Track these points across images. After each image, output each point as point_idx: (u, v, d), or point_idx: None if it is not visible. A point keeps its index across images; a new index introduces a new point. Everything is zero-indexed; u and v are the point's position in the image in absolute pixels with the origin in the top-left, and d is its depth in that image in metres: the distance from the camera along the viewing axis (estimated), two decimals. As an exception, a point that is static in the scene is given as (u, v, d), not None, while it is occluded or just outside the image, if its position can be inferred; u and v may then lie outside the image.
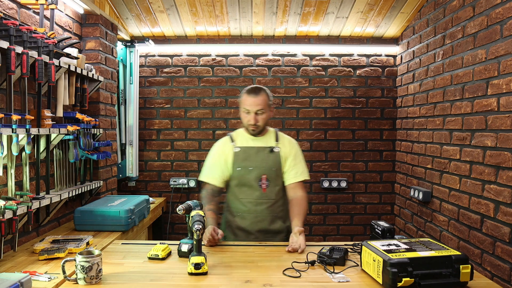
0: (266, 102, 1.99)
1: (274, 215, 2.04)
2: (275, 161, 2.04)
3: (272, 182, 2.03)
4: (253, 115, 1.97)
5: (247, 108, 1.98)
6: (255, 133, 2.03)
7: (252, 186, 2.02)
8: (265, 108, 1.98)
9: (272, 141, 2.08)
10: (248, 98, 1.98)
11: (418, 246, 1.44)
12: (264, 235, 2.02)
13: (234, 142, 2.07)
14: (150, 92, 3.46)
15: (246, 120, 2.01)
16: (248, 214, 2.03)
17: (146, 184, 3.50)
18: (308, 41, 3.40)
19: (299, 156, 2.10)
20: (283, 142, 2.09)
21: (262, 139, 2.08)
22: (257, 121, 1.98)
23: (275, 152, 2.04)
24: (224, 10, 2.94)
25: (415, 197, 2.92)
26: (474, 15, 2.22)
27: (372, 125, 3.46)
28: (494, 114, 2.04)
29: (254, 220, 2.03)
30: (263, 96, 1.98)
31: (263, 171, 2.02)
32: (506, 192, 1.93)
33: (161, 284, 1.41)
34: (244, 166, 2.02)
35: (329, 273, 1.50)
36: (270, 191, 2.03)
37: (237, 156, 2.04)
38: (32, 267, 1.56)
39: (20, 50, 1.70)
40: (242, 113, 2.03)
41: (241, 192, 2.05)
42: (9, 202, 1.62)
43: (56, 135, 2.04)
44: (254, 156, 2.03)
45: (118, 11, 2.95)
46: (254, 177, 2.01)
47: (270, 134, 2.11)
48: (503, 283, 1.92)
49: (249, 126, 2.00)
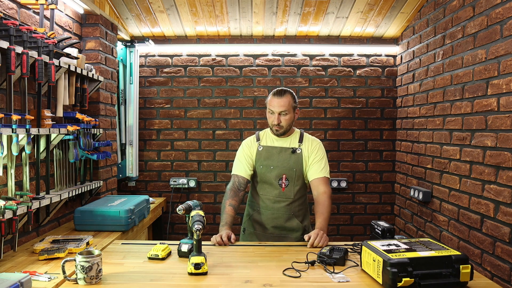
0: (291, 104, 2.06)
1: (291, 213, 2.11)
2: (296, 161, 2.10)
3: (291, 181, 2.09)
4: (276, 115, 2.05)
5: (272, 109, 2.06)
6: (279, 133, 2.10)
7: (272, 184, 2.10)
8: (289, 110, 2.05)
9: (296, 142, 2.14)
10: (273, 99, 2.06)
11: (418, 246, 1.44)
12: (280, 231, 2.10)
13: (259, 141, 2.17)
14: (150, 92, 3.46)
15: (270, 121, 2.10)
16: (266, 210, 2.12)
17: (146, 184, 3.50)
18: (308, 41, 3.40)
19: (321, 154, 2.13)
20: (306, 143, 2.14)
21: (286, 140, 2.15)
22: (280, 122, 2.05)
23: (297, 153, 2.11)
24: (224, 10, 2.94)
25: (415, 197, 2.92)
26: (474, 15, 2.22)
27: (372, 125, 3.46)
28: (494, 114, 2.04)
29: (271, 216, 2.10)
30: (287, 98, 2.05)
31: (284, 170, 2.09)
32: (506, 192, 1.93)
33: (161, 284, 1.41)
34: (266, 165, 2.11)
35: (329, 273, 1.50)
36: (289, 190, 2.10)
37: (260, 155, 2.13)
38: (32, 267, 1.56)
39: (20, 50, 1.70)
40: (267, 114, 2.12)
41: (261, 189, 2.14)
42: (9, 202, 1.62)
43: (56, 135, 2.04)
44: (276, 155, 2.11)
45: (118, 11, 2.95)
46: (275, 176, 2.09)
47: (295, 135, 2.17)
48: (503, 283, 1.92)
49: (273, 126, 2.08)
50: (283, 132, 2.10)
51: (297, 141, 2.14)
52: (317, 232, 1.86)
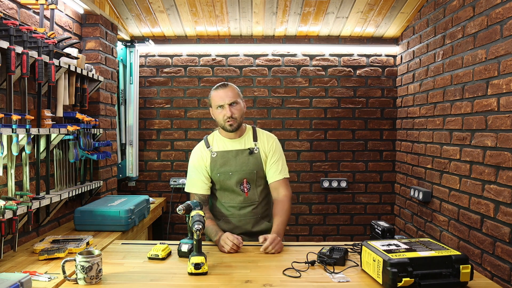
0: (237, 93, 1.93)
1: (258, 216, 1.99)
2: (255, 163, 1.96)
3: (253, 184, 1.96)
4: (227, 107, 1.87)
5: (220, 103, 1.89)
6: (233, 127, 1.91)
7: (234, 191, 1.96)
8: (237, 99, 1.91)
9: (250, 141, 1.99)
10: (219, 92, 1.90)
11: (418, 246, 1.44)
12: (249, 238, 1.95)
13: (210, 147, 1.98)
14: (150, 92, 3.46)
15: (221, 116, 1.91)
16: (232, 218, 1.98)
17: (146, 184, 3.50)
18: (308, 41, 3.40)
19: (278, 152, 2.01)
20: (261, 140, 2.00)
21: (240, 141, 1.99)
22: (233, 113, 1.88)
23: (255, 153, 1.96)
24: (224, 10, 2.94)
25: (415, 197, 2.92)
26: (474, 15, 2.22)
27: (372, 125, 3.46)
28: (494, 114, 2.04)
29: (238, 224, 1.97)
30: (232, 87, 1.92)
31: (244, 175, 1.94)
32: (506, 192, 1.93)
33: (161, 284, 1.41)
34: (224, 172, 1.94)
35: (329, 273, 1.50)
36: (253, 194, 1.97)
37: (214, 162, 1.95)
38: (32, 267, 1.56)
39: (20, 50, 1.70)
40: (215, 112, 1.94)
41: (223, 197, 1.99)
42: (9, 202, 1.62)
43: (56, 135, 2.04)
44: (233, 160, 1.95)
45: (118, 11, 2.95)
46: (235, 182, 1.94)
47: (248, 132, 2.02)
48: (503, 283, 1.92)
49: (226, 121, 1.89)
50: (237, 126, 1.92)
51: (251, 139, 1.99)
52: (273, 238, 1.76)
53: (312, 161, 3.46)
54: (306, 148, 3.45)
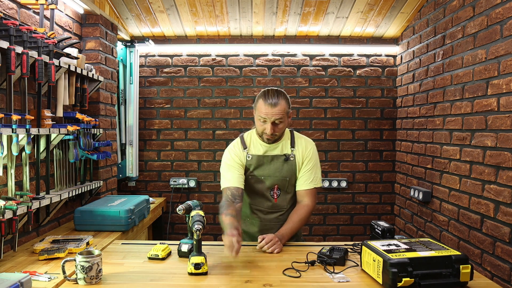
0: (286, 110, 1.78)
1: (283, 223, 1.91)
2: (289, 170, 1.89)
3: (283, 191, 1.92)
4: (270, 125, 1.76)
5: (263, 117, 1.76)
6: (271, 142, 1.86)
7: (263, 196, 1.92)
8: (284, 117, 1.78)
9: (288, 147, 1.91)
10: (266, 107, 1.74)
11: (418, 246, 1.44)
12: None
13: (246, 149, 1.91)
14: (150, 92, 3.46)
15: (261, 129, 1.81)
16: (258, 221, 1.96)
17: (146, 184, 3.50)
18: (308, 41, 3.40)
19: (313, 161, 1.92)
20: (299, 146, 1.92)
21: (277, 145, 1.90)
22: (274, 132, 1.78)
23: (291, 160, 1.89)
24: (224, 10, 2.94)
25: (415, 197, 2.92)
26: (474, 15, 2.22)
27: (372, 125, 3.46)
28: (494, 114, 2.04)
29: (263, 228, 1.94)
30: (283, 104, 1.76)
31: (276, 181, 1.89)
32: (506, 192, 1.93)
33: (161, 284, 1.41)
34: (256, 175, 1.89)
35: (329, 273, 1.50)
36: (282, 200, 1.93)
37: (249, 164, 1.89)
38: (32, 267, 1.56)
39: (20, 50, 1.70)
40: (257, 120, 1.82)
41: (252, 199, 1.96)
42: (9, 202, 1.62)
43: (56, 135, 2.04)
44: (268, 165, 1.89)
45: (118, 11, 2.95)
46: (266, 187, 1.90)
47: (286, 137, 1.92)
48: (503, 283, 1.92)
49: (265, 135, 1.82)
50: (274, 141, 1.87)
51: (289, 145, 1.91)
52: (271, 238, 1.74)
53: (312, 161, 3.46)
54: (306, 148, 3.45)
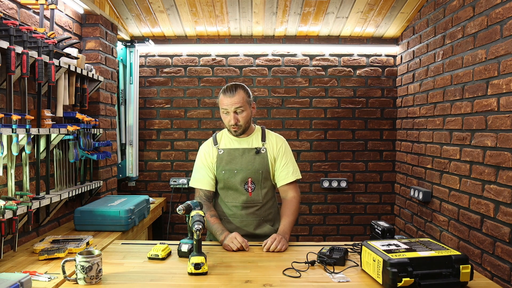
0: (245, 99, 1.88)
1: (261, 219, 1.97)
2: (262, 163, 1.94)
3: (258, 184, 1.94)
4: (232, 114, 1.87)
5: (225, 108, 1.88)
6: (238, 133, 1.93)
7: (237, 190, 1.94)
8: (244, 106, 1.88)
9: (258, 141, 1.98)
10: (225, 98, 1.87)
11: (418, 246, 1.44)
12: (251, 240, 1.88)
13: (218, 144, 1.99)
14: (150, 92, 3.46)
15: (226, 121, 1.91)
16: (234, 218, 1.96)
17: (146, 184, 3.50)
18: (308, 41, 3.40)
19: (288, 155, 2.00)
20: (270, 141, 1.99)
21: (247, 140, 1.98)
22: (237, 121, 1.88)
23: (262, 153, 1.95)
24: (224, 10, 2.94)
25: (415, 197, 2.92)
26: (474, 15, 2.22)
27: (372, 125, 3.46)
28: (494, 114, 2.04)
29: (240, 225, 1.95)
30: (241, 93, 1.87)
31: (249, 174, 1.93)
32: (506, 192, 1.93)
33: (161, 284, 1.41)
34: (229, 169, 1.94)
35: (329, 273, 1.50)
36: (257, 194, 1.95)
37: (220, 159, 1.96)
38: (32, 267, 1.56)
39: (20, 50, 1.70)
40: (221, 114, 1.93)
41: (226, 196, 1.98)
42: (9, 202, 1.62)
43: (56, 135, 2.04)
44: (239, 158, 1.94)
45: (118, 11, 2.95)
46: (240, 181, 1.93)
47: (256, 133, 2.01)
48: (503, 283, 1.92)
49: (230, 127, 1.90)
50: (241, 132, 1.93)
51: (259, 139, 1.98)
52: (275, 237, 1.77)
53: (312, 161, 3.46)
54: (306, 148, 3.45)
